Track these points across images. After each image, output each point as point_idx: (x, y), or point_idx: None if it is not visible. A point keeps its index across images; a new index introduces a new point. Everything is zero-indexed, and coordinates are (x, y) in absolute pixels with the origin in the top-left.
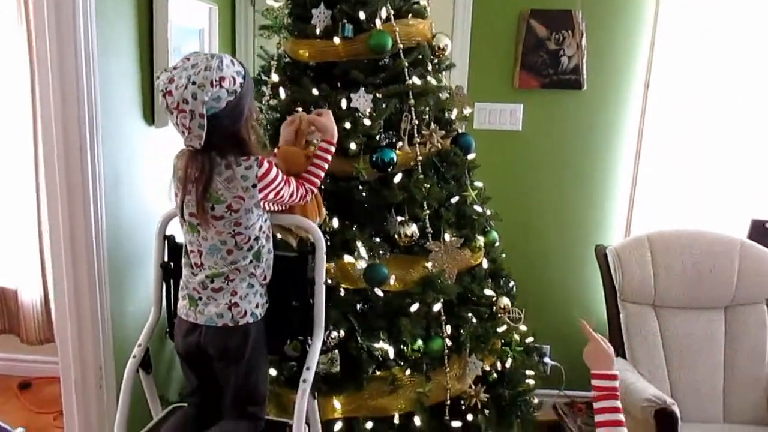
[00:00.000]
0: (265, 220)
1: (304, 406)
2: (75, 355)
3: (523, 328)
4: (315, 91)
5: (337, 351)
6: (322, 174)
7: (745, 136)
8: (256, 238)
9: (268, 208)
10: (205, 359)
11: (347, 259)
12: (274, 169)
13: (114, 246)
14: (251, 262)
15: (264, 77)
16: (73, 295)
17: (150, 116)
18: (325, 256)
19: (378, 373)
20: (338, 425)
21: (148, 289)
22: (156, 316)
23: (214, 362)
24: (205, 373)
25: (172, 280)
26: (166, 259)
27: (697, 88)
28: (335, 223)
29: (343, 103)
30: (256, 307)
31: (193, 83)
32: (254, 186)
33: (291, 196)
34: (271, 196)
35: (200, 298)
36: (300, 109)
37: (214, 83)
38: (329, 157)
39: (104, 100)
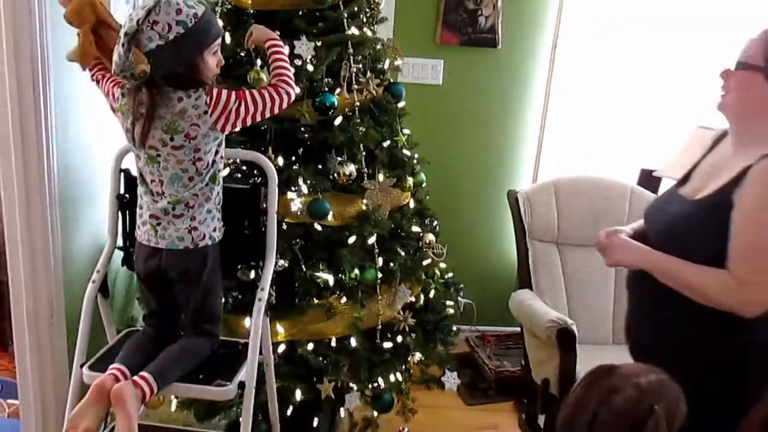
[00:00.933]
0: (220, 144)
1: (260, 322)
2: (28, 289)
3: (443, 265)
4: None
5: (273, 285)
6: (287, 63)
7: (637, 94)
8: (213, 162)
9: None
10: (165, 282)
11: (290, 195)
12: (224, 92)
13: (63, 183)
14: (207, 185)
15: None
16: (26, 231)
17: None
18: (277, 188)
19: (317, 301)
20: (282, 347)
21: (93, 224)
22: (112, 245)
23: (174, 285)
24: (165, 296)
25: (127, 211)
26: (122, 191)
27: (598, 48)
28: (280, 161)
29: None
30: (214, 230)
31: (129, 15)
32: (206, 112)
33: (260, 104)
34: (233, 118)
35: (159, 224)
36: (243, 53)
37: (141, 23)
38: (283, 49)
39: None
